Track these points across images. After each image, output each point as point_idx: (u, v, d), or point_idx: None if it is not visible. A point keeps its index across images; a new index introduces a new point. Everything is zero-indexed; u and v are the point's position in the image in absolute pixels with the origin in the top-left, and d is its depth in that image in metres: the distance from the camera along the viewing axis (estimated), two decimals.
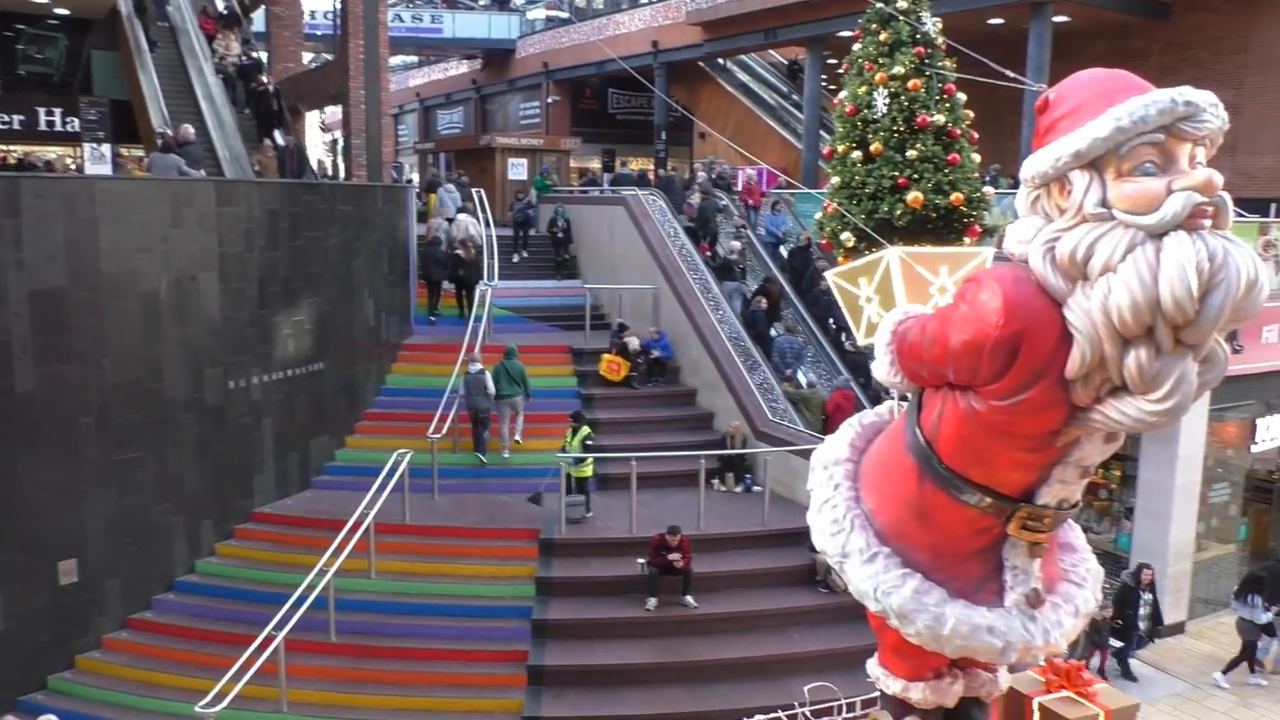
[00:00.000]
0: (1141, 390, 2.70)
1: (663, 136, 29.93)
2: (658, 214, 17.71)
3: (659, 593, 10.74)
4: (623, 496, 12.09)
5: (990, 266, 3.36)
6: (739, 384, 14.14)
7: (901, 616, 3.56)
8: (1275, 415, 14.70)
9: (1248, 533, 14.94)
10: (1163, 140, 2.65)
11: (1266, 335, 13.48)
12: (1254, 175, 19.14)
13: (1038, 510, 3.34)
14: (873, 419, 4.24)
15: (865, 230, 13.22)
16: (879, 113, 13.65)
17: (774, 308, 16.34)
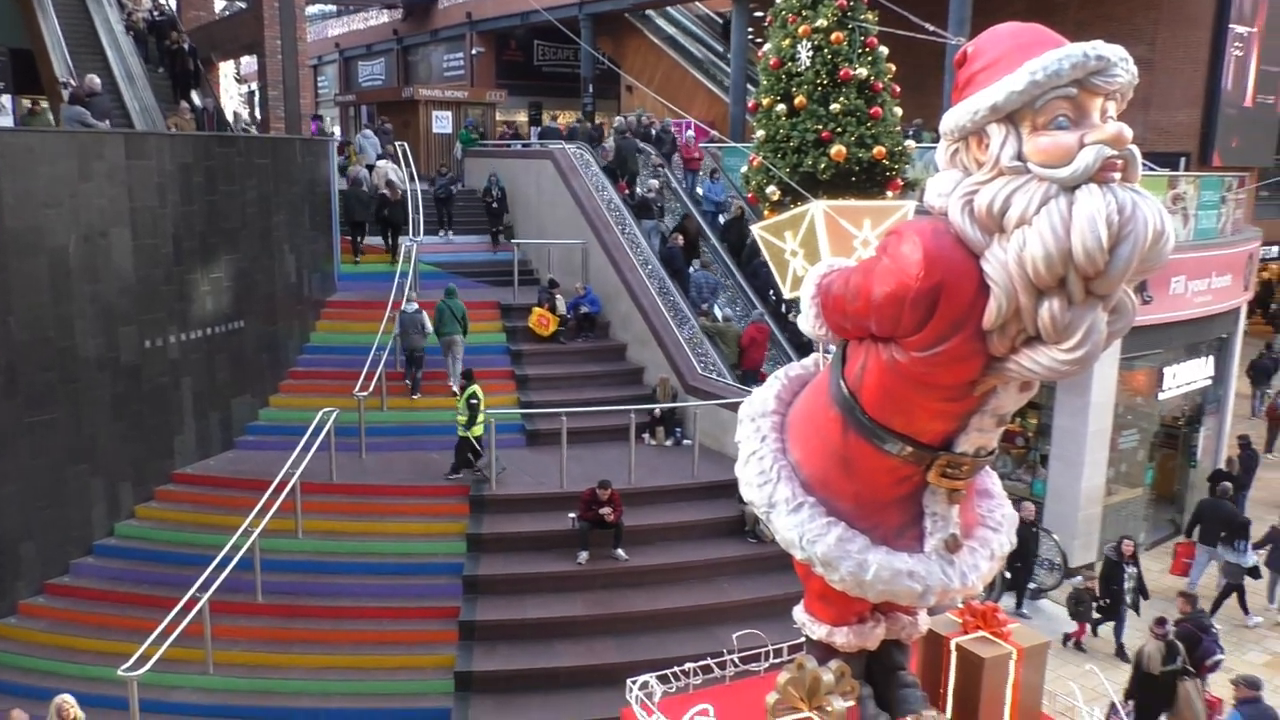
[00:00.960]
0: (1054, 340, 2.78)
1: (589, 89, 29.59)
2: (585, 168, 17.58)
3: (590, 546, 10.83)
4: (553, 452, 12.11)
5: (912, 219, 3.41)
6: (668, 338, 14.20)
7: (826, 564, 3.65)
8: (1182, 363, 15.29)
9: (1154, 477, 15.58)
10: (1076, 94, 2.70)
11: (1175, 286, 13.96)
12: (1166, 129, 19.70)
13: (956, 458, 3.43)
14: (799, 372, 4.30)
15: (790, 184, 13.30)
16: (802, 66, 13.69)
17: (692, 245, 16.57)
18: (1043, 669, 4.89)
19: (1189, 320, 14.56)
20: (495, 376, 14.59)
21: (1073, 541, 13.40)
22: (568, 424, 11.88)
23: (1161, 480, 15.86)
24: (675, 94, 27.88)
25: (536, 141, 21.58)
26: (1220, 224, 15.67)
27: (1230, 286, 15.42)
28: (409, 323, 13.91)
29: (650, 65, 31.25)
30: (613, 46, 32.58)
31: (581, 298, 15.58)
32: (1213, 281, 14.76)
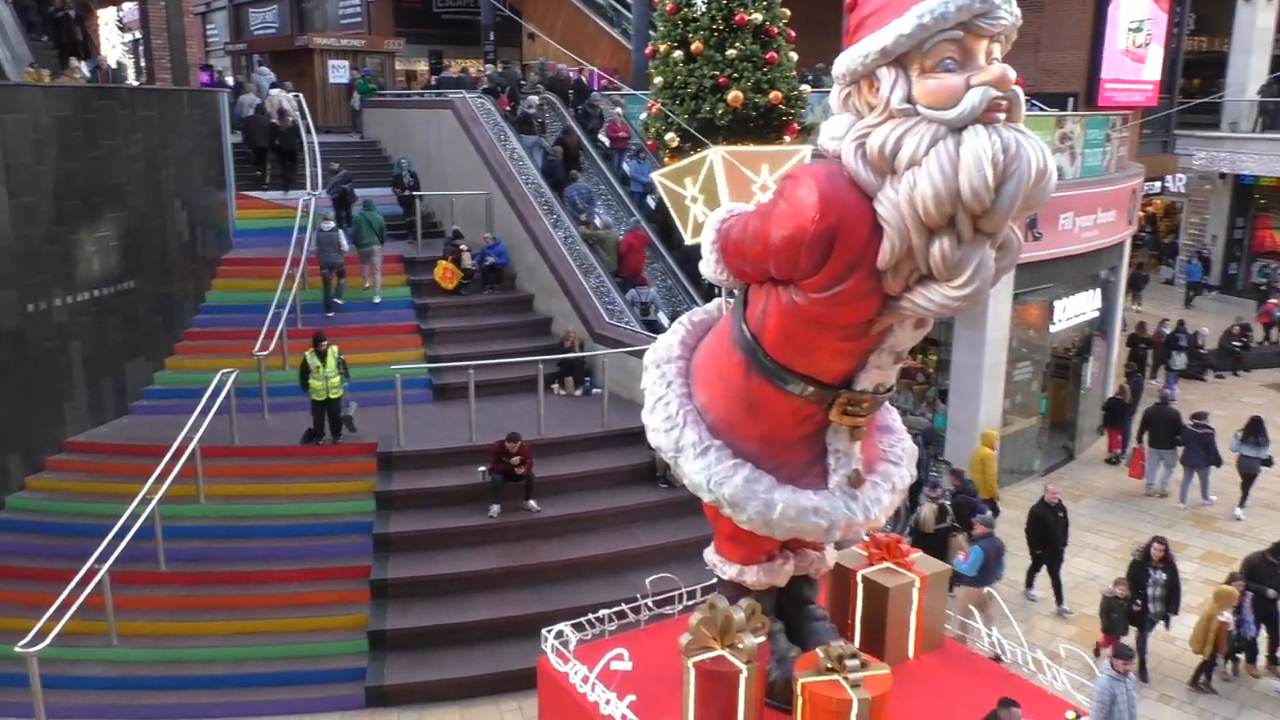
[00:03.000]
0: (946, 277, 2.87)
1: (490, 37, 28.89)
2: (486, 117, 17.25)
3: (502, 499, 10.81)
4: (461, 406, 12.00)
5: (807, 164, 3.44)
6: (575, 288, 14.14)
7: (734, 505, 3.73)
8: (1071, 297, 15.89)
9: (1047, 406, 16.24)
10: (961, 37, 2.76)
11: (1063, 222, 14.44)
12: (1054, 70, 20.22)
13: (857, 396, 3.53)
14: (701, 317, 4.34)
15: (689, 130, 13.28)
16: (699, 11, 13.60)
17: (571, 158, 16.86)
18: (944, 595, 5.10)
19: (1077, 255, 15.11)
20: (400, 331, 14.34)
21: None
22: (475, 377, 11.78)
23: (1055, 409, 16.54)
24: (578, 41, 27.42)
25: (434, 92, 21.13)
26: (1106, 162, 16.23)
27: (1115, 222, 16.02)
28: (326, 241, 14.21)
29: (552, 13, 30.62)
30: None
31: (490, 249, 15.39)
32: (1099, 217, 15.31)
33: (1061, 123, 15.30)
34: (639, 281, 14.97)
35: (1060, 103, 18.27)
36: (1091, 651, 9.58)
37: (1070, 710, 4.43)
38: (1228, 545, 12.80)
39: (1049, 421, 16.38)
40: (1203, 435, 14.01)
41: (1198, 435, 14.05)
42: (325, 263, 14.34)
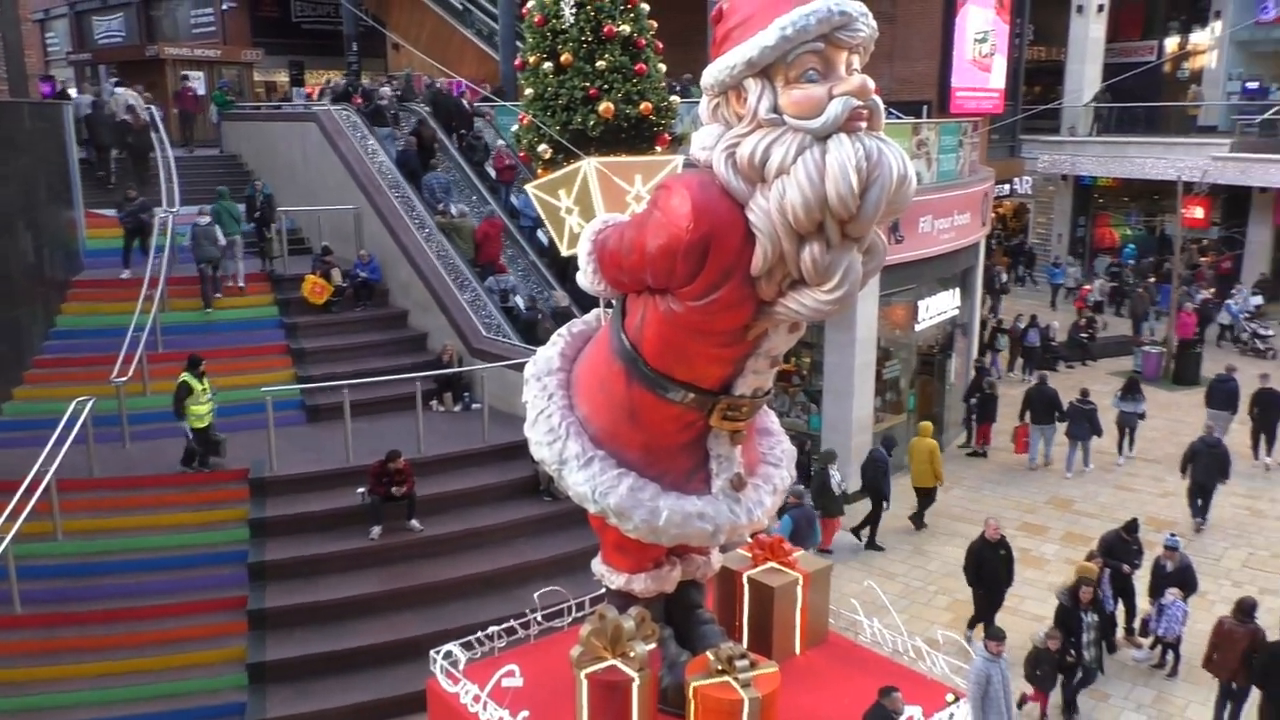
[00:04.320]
0: (816, 282, 2.95)
1: (354, 48, 28.29)
2: (353, 130, 16.87)
3: (382, 520, 10.56)
4: (336, 426, 11.67)
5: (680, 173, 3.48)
6: (450, 303, 13.95)
7: (619, 514, 3.74)
8: (934, 296, 16.56)
9: (916, 402, 16.86)
10: (823, 49, 2.85)
11: (923, 225, 15.04)
12: (908, 80, 21.03)
13: (736, 400, 3.59)
14: (581, 328, 4.34)
15: (561, 141, 13.30)
16: (567, 23, 13.64)
17: (426, 149, 16.84)
18: (827, 591, 5.23)
19: (937, 256, 15.76)
20: (269, 352, 13.87)
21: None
22: (351, 396, 11.48)
23: (923, 404, 17.18)
24: (444, 52, 27.10)
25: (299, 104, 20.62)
26: (959, 166, 16.98)
27: (970, 223, 16.78)
28: (202, 235, 13.97)
29: (417, 22, 30.19)
30: (376, 3, 31.25)
31: (364, 265, 15.05)
32: (955, 219, 16.01)
33: (917, 130, 15.94)
34: (497, 269, 15.04)
35: (915, 110, 19.03)
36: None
37: (949, 693, 4.60)
38: (1085, 526, 13.53)
39: (918, 417, 16.99)
40: (1088, 410, 15.46)
41: (1083, 410, 15.48)
42: (201, 257, 14.03)
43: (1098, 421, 15.59)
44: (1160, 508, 14.29)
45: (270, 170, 18.40)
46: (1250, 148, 24.97)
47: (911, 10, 21.05)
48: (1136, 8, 31.83)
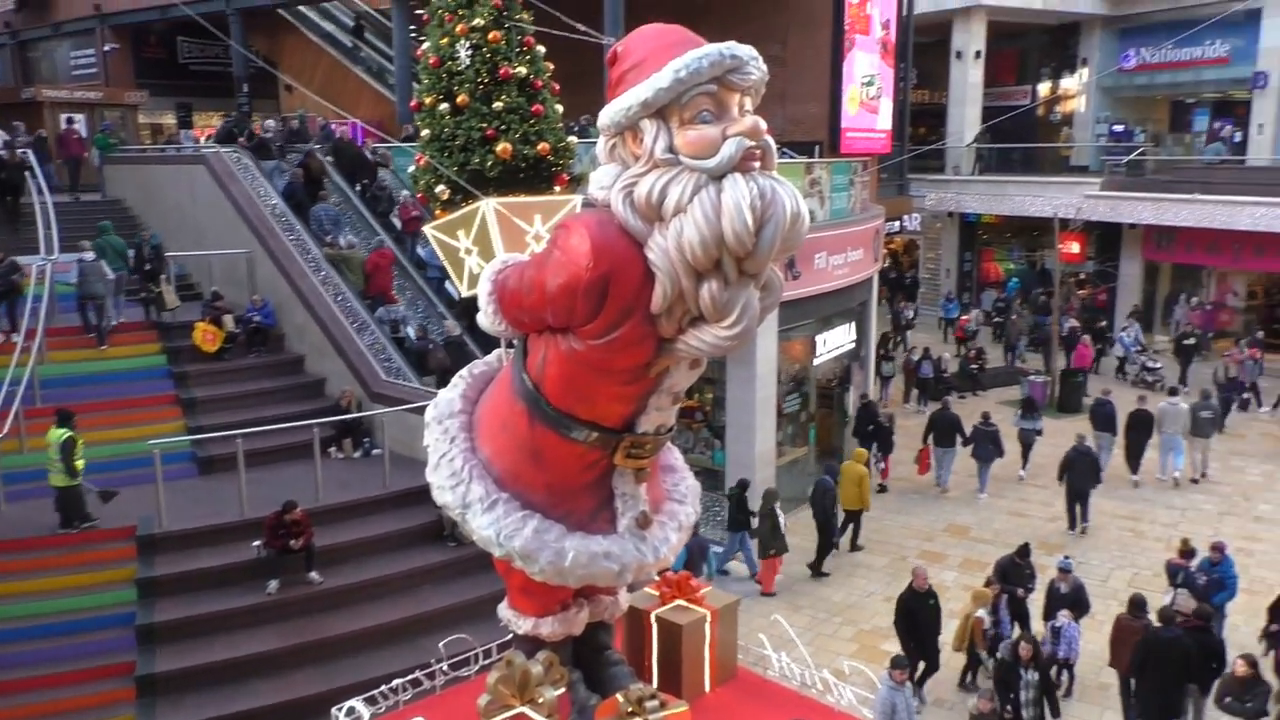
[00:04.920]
0: (715, 318, 2.98)
1: (245, 89, 27.72)
2: (244, 172, 16.49)
3: (280, 574, 10.21)
4: (230, 478, 11.27)
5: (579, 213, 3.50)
6: (348, 347, 13.67)
7: (525, 557, 3.68)
8: (830, 330, 16.95)
9: (816, 434, 17.17)
10: (716, 91, 2.91)
11: (818, 262, 15.42)
12: (800, 120, 21.61)
13: (640, 438, 3.58)
14: (483, 368, 4.30)
15: (459, 182, 13.25)
16: (463, 64, 13.65)
17: (315, 181, 16.72)
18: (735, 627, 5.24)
19: (833, 291, 16.16)
20: (156, 403, 13.35)
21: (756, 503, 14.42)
22: (245, 446, 11.11)
23: (823, 437, 17.51)
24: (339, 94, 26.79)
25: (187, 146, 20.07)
26: (851, 204, 17.49)
27: (863, 259, 17.27)
28: (90, 271, 13.67)
29: (310, 64, 29.83)
30: (267, 44, 30.75)
31: (257, 309, 14.64)
32: (849, 256, 16.46)
33: (810, 169, 16.39)
34: (387, 300, 14.90)
35: (808, 150, 19.52)
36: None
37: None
38: (982, 552, 13.93)
39: (819, 449, 17.31)
40: (990, 431, 16.36)
41: (987, 432, 16.36)
42: (86, 293, 13.63)
43: (1000, 442, 16.45)
44: (1050, 532, 14.81)
45: (157, 214, 17.84)
46: (1118, 186, 26.43)
47: (802, 54, 21.70)
48: (1011, 54, 33.50)
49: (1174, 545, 11.89)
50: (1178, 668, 9.27)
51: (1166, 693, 9.34)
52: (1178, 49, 27.53)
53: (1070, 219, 24.99)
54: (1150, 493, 16.46)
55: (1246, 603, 11.36)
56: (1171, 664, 9.24)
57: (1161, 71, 29.78)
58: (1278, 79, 26.22)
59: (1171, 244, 26.16)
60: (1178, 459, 16.76)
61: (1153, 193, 25.40)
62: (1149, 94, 31.67)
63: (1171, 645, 9.30)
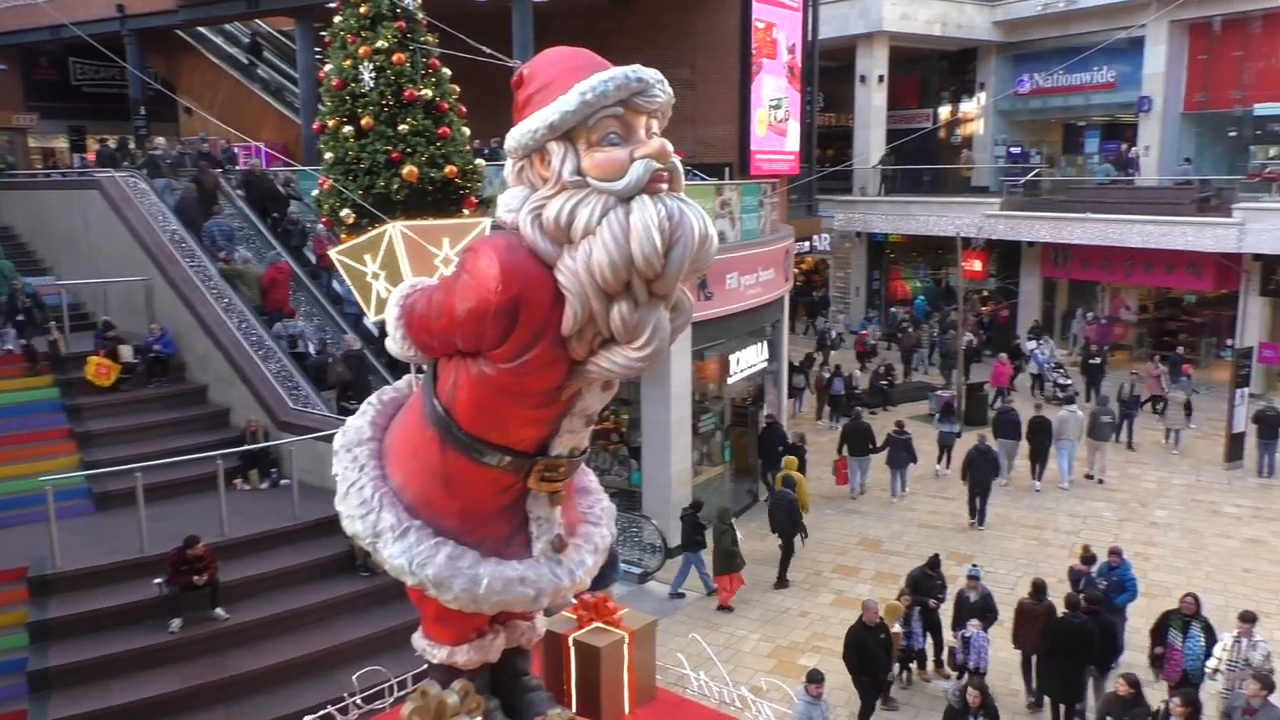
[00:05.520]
0: (626, 340, 2.99)
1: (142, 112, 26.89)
2: (141, 197, 15.98)
3: (183, 611, 9.84)
4: (130, 514, 10.84)
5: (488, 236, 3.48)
6: (254, 375, 13.32)
7: (438, 585, 3.62)
8: (744, 350, 17.14)
9: (731, 453, 17.29)
10: (622, 113, 2.93)
11: (730, 282, 15.59)
12: (710, 143, 21.92)
13: (553, 461, 3.56)
14: (392, 395, 4.23)
15: (364, 206, 13.06)
16: (366, 86, 13.48)
17: (208, 196, 16.43)
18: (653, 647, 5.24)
19: (745, 311, 16.36)
20: (48, 437, 12.82)
21: (669, 522, 14.48)
22: (144, 480, 10.71)
23: (738, 455, 17.65)
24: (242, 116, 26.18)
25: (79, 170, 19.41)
26: (761, 225, 17.75)
27: (775, 279, 17.54)
28: None
29: (211, 86, 29.07)
30: (165, 65, 29.91)
31: (156, 339, 14.16)
32: (760, 276, 16.69)
33: (720, 191, 16.59)
34: (285, 315, 14.67)
35: (718, 172, 19.79)
36: None
37: None
38: (894, 565, 14.18)
39: (734, 468, 17.44)
40: (904, 439, 17.02)
41: (900, 440, 17.02)
42: None
43: (913, 449, 17.20)
44: (960, 542, 15.17)
45: (47, 241, 17.20)
46: (1017, 206, 27.42)
47: (710, 78, 22.02)
48: (913, 79, 34.56)
49: (1076, 552, 12.26)
50: (1082, 651, 10.02)
51: (1071, 674, 10.10)
52: (1068, 74, 28.75)
53: (972, 238, 25.82)
54: (1053, 501, 17.00)
55: (1145, 605, 11.77)
56: (1077, 648, 10.00)
57: (1054, 96, 31.04)
58: (1161, 103, 27.56)
59: (1068, 261, 27.22)
60: (1065, 463, 17.87)
61: (1049, 212, 26.45)
62: (1043, 117, 32.96)
63: (1077, 630, 10.03)
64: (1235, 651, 9.32)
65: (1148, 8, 26.33)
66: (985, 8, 30.89)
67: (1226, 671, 9.33)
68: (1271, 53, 26.30)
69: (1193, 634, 9.90)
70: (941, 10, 30.36)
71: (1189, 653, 9.87)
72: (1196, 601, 10.10)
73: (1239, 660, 9.26)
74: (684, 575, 13.80)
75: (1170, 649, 10.07)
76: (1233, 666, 9.29)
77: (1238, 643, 9.35)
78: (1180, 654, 9.95)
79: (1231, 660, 9.31)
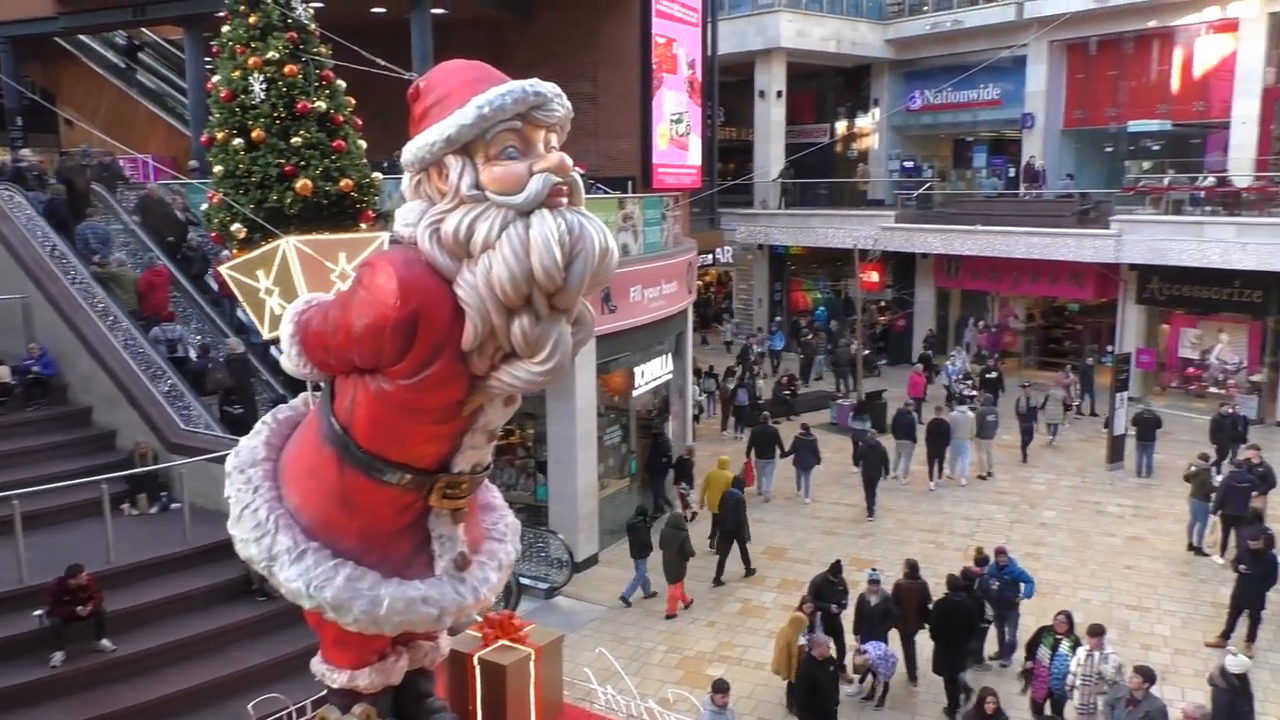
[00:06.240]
0: (528, 354, 2.98)
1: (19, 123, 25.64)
2: (16, 211, 15.23)
3: (66, 644, 9.36)
4: (6, 543, 10.29)
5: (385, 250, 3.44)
6: (142, 395, 12.79)
7: (337, 607, 3.55)
8: (649, 362, 17.23)
9: (637, 466, 17.34)
10: (520, 127, 2.93)
11: (633, 295, 15.67)
12: (613, 156, 22.00)
13: (455, 478, 3.52)
14: (287, 414, 4.13)
15: (256, 220, 12.70)
16: (257, 98, 13.13)
17: (80, 197, 15.87)
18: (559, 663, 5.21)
19: (649, 324, 16.45)
20: None
21: (576, 536, 14.44)
22: (22, 507, 10.15)
23: (644, 468, 17.68)
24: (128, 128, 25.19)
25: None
26: (663, 238, 17.90)
27: (678, 291, 17.69)
28: None
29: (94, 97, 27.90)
30: (43, 74, 28.63)
31: (35, 359, 13.48)
32: (663, 288, 16.81)
33: (623, 204, 16.67)
34: (163, 319, 14.23)
35: (621, 185, 19.86)
36: None
37: None
38: (798, 573, 14.40)
39: (641, 480, 17.48)
40: (809, 441, 17.76)
41: (806, 442, 17.70)
42: None
43: (818, 451, 17.93)
44: (861, 548, 15.50)
45: None
46: (911, 219, 28.26)
47: (612, 92, 22.11)
48: (810, 94, 35.37)
49: (970, 554, 12.65)
50: (964, 625, 11.02)
51: (955, 648, 10.97)
52: (956, 91, 29.80)
53: (869, 250, 26.50)
54: (949, 505, 17.51)
55: (1035, 604, 12.20)
56: (960, 623, 10.98)
57: (944, 112, 32.13)
58: (1043, 120, 28.76)
59: (959, 272, 28.15)
60: (965, 461, 18.69)
61: (940, 224, 27.32)
62: (934, 132, 34.08)
63: (959, 607, 10.98)
64: (1089, 665, 9.60)
65: (1028, 28, 27.48)
66: (878, 26, 31.82)
67: (1081, 686, 9.63)
68: (1143, 72, 27.74)
69: (1060, 653, 10.05)
70: (836, 28, 31.16)
71: (1055, 671, 10.05)
72: (1069, 621, 10.29)
73: (1092, 674, 9.57)
74: (635, 584, 14.02)
75: (1039, 665, 10.31)
76: (1086, 681, 9.60)
77: (1090, 656, 9.62)
78: (1048, 671, 10.15)
79: (1085, 674, 9.60)
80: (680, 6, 22.84)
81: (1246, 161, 24.47)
